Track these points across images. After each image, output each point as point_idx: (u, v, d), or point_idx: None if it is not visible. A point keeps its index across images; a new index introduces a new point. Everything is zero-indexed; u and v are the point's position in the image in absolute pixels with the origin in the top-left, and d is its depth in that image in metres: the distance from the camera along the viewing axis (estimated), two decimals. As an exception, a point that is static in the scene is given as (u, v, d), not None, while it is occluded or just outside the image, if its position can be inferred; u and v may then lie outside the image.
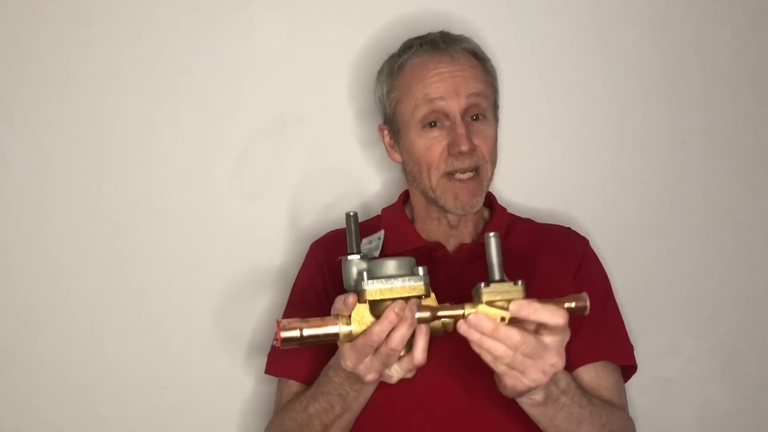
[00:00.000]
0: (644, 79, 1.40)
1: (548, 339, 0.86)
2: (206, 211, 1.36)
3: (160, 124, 1.35)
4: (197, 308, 1.37)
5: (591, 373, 1.14)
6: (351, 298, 0.88)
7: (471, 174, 1.13)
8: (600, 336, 1.16)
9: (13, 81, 1.32)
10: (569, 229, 1.26)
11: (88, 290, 1.35)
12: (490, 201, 1.26)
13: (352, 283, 0.90)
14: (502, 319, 0.84)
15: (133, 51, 1.34)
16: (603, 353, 1.15)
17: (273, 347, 1.23)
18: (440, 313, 0.85)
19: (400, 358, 0.88)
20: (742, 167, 1.42)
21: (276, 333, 1.22)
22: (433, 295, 0.89)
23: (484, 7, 1.35)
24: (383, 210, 1.27)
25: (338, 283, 1.16)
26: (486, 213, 1.25)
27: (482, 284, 0.86)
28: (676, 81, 1.40)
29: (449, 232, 1.20)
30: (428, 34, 1.19)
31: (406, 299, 0.86)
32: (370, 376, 0.89)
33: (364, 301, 0.86)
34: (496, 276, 0.88)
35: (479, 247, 1.17)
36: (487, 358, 0.86)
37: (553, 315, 0.85)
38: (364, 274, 0.87)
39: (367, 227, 1.26)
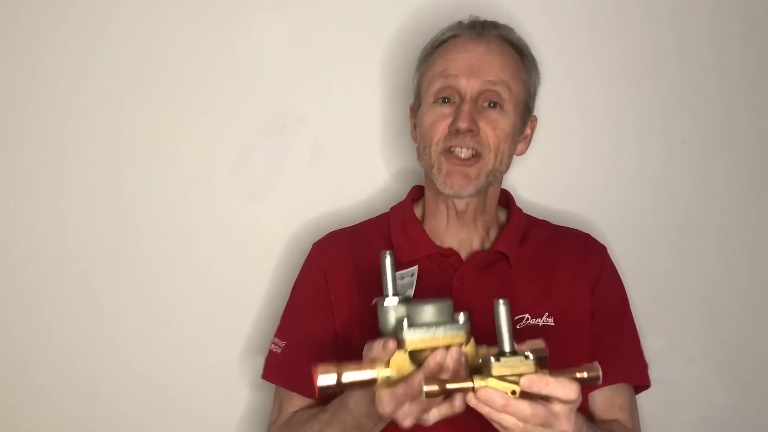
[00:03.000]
0: (643, 78, 1.39)
1: (558, 408, 0.85)
2: (205, 211, 1.36)
3: (160, 123, 1.35)
4: (197, 308, 1.37)
5: (605, 393, 1.16)
6: (391, 344, 0.86)
7: (470, 154, 1.09)
8: (616, 357, 1.17)
9: (18, 81, 1.33)
10: (587, 235, 1.24)
11: (87, 290, 1.35)
12: (508, 201, 1.23)
13: (390, 329, 0.88)
14: (513, 392, 0.83)
15: (133, 51, 1.34)
16: (619, 376, 1.16)
17: (271, 352, 1.21)
18: (449, 386, 0.83)
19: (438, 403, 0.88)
20: (742, 167, 1.42)
21: (274, 338, 1.22)
22: (472, 340, 0.89)
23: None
24: (392, 209, 1.24)
25: (340, 285, 1.16)
26: (503, 215, 1.22)
27: (492, 358, 0.84)
28: (675, 81, 1.40)
29: (458, 228, 1.16)
30: (473, 18, 1.18)
31: (447, 347, 0.86)
32: (408, 422, 0.88)
33: (405, 350, 0.86)
34: (506, 347, 0.85)
35: (493, 254, 1.15)
36: (498, 427, 0.86)
37: (565, 389, 0.84)
38: (404, 322, 0.86)
39: (373, 226, 1.23)
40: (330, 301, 1.17)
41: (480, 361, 0.86)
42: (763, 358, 1.43)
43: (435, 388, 0.82)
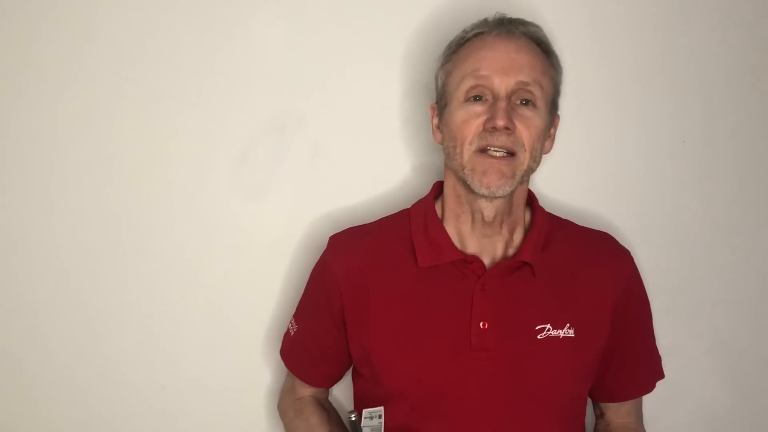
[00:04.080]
0: (644, 78, 1.39)
1: None
2: (206, 211, 1.36)
3: (160, 123, 1.35)
4: (197, 308, 1.37)
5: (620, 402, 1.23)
6: None
7: (504, 153, 1.06)
8: (640, 373, 1.22)
9: (12, 81, 1.32)
10: (612, 239, 1.22)
11: (90, 290, 1.35)
12: (532, 202, 1.20)
13: None
14: None
15: (132, 51, 1.33)
16: (644, 390, 1.23)
17: (287, 332, 1.27)
18: None
19: None
20: (742, 167, 1.41)
21: (292, 318, 1.26)
22: None
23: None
24: (413, 208, 1.20)
25: (355, 292, 1.16)
26: (528, 216, 1.19)
27: None
28: (676, 81, 1.40)
29: (482, 233, 1.13)
30: (499, 15, 1.15)
31: None
32: None
33: None
34: None
35: (516, 262, 1.13)
36: None
37: None
38: None
39: (393, 226, 1.20)
40: (342, 311, 1.16)
41: None
42: (764, 358, 1.43)
43: None
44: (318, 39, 1.36)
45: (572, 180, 1.39)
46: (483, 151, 1.06)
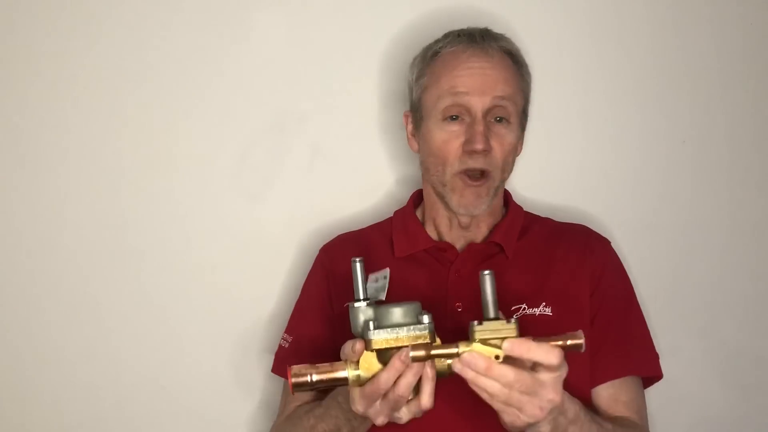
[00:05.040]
0: (643, 79, 1.39)
1: (544, 376, 0.86)
2: (205, 212, 1.37)
3: (159, 125, 1.35)
4: (197, 309, 1.37)
5: (610, 390, 1.14)
6: (358, 345, 0.89)
7: (479, 174, 1.12)
8: (621, 350, 1.15)
9: (16, 82, 1.33)
10: (589, 229, 1.24)
11: (90, 290, 1.35)
12: (507, 199, 1.24)
13: (360, 330, 0.92)
14: (497, 357, 0.85)
15: (132, 51, 1.34)
16: (624, 369, 1.15)
17: (280, 346, 1.26)
18: (434, 352, 0.87)
19: (408, 401, 0.90)
20: (742, 167, 1.41)
21: (284, 334, 1.26)
22: (438, 340, 0.91)
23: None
24: (395, 213, 1.26)
25: (343, 289, 1.17)
26: (504, 211, 1.23)
27: (475, 322, 0.87)
28: (675, 81, 1.40)
29: (460, 233, 1.18)
30: (469, 28, 1.18)
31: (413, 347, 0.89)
32: (380, 419, 0.91)
33: (371, 350, 0.89)
34: (491, 314, 0.88)
35: (490, 246, 1.16)
36: (483, 395, 0.87)
37: (547, 354, 0.85)
38: (371, 323, 0.89)
39: (378, 230, 1.26)
40: (331, 303, 1.19)
41: (446, 363, 0.89)
42: (764, 358, 1.43)
43: (421, 353, 0.86)
44: (317, 40, 1.36)
45: (571, 181, 1.40)
46: (464, 173, 1.12)
